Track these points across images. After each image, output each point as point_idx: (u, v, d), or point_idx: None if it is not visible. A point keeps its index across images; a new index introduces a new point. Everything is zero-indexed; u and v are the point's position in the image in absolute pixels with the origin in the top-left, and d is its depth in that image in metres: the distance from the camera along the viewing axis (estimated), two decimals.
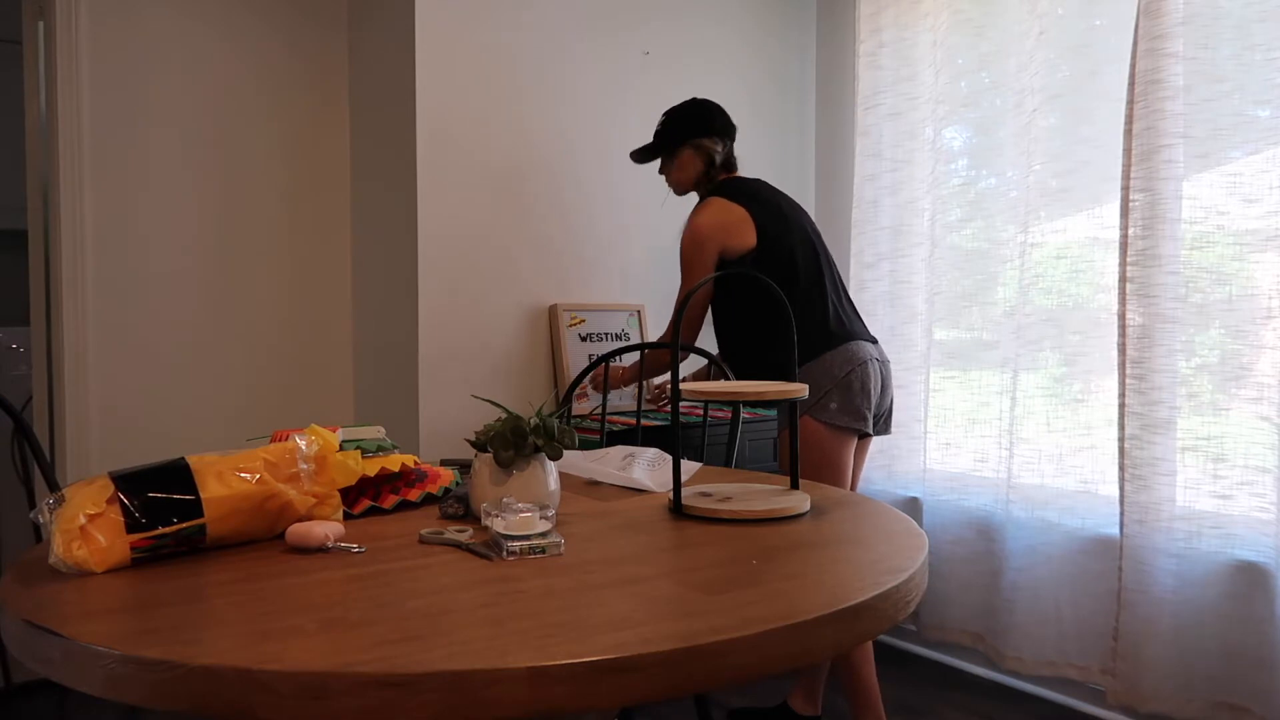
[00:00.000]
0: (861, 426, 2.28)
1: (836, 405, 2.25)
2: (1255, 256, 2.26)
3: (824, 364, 2.26)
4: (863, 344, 2.31)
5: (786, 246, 2.34)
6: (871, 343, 2.36)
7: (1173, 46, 2.33)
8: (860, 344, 2.30)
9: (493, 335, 2.80)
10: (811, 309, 2.32)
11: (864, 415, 2.28)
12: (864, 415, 2.28)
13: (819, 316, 2.32)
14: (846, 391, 2.25)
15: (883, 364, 2.36)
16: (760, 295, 2.34)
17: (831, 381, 2.25)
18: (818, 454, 2.27)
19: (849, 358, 2.27)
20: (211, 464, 1.20)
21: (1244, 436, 2.28)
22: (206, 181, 2.75)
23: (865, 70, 3.17)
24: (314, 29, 2.93)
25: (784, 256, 2.33)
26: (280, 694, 0.79)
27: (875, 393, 2.30)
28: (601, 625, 0.90)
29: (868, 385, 2.27)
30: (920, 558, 1.15)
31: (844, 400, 2.25)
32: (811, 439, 2.27)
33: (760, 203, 2.37)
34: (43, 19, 2.58)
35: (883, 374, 2.34)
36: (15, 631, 0.95)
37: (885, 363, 2.38)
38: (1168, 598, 2.35)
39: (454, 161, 2.72)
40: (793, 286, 2.32)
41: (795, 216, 2.42)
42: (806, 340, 2.29)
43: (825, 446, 2.27)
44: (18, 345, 3.67)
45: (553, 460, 1.36)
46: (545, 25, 2.87)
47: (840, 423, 2.25)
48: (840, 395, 2.25)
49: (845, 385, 2.25)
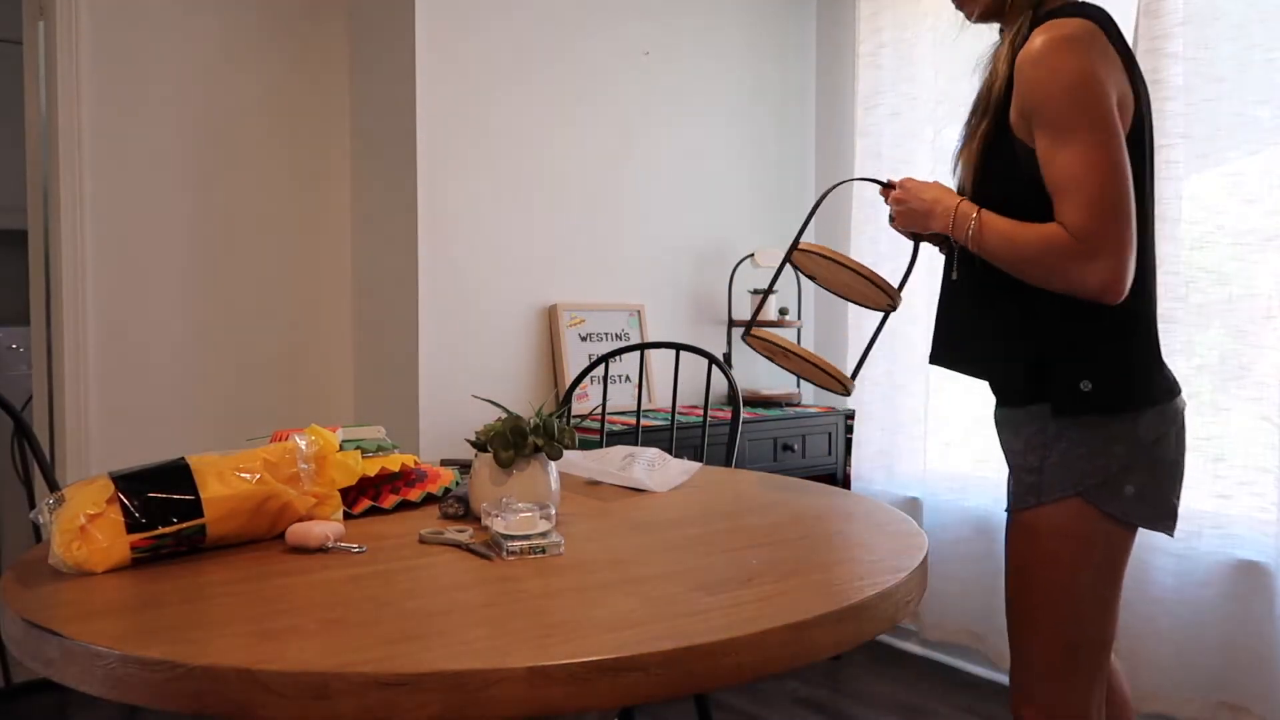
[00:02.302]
0: (1166, 528, 1.39)
1: (1135, 491, 1.33)
2: (1255, 256, 2.26)
3: (1134, 421, 1.33)
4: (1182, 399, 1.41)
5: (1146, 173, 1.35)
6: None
7: (1173, 46, 2.33)
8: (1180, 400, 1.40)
9: (493, 335, 2.80)
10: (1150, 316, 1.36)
11: (1173, 510, 1.39)
12: (1173, 510, 1.39)
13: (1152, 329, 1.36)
14: (1155, 469, 1.35)
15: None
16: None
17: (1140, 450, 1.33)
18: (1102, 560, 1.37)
19: (1168, 417, 1.36)
20: (211, 464, 1.20)
21: (1244, 436, 2.28)
22: (206, 181, 2.75)
23: (865, 70, 3.16)
24: (314, 28, 2.93)
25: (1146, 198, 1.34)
26: (280, 694, 0.79)
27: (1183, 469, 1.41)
28: (601, 625, 0.90)
29: (1182, 461, 1.40)
30: (920, 558, 1.15)
31: (1150, 483, 1.35)
32: (1086, 539, 1.35)
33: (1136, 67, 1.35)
34: (43, 19, 2.58)
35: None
36: (15, 631, 0.95)
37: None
38: (1167, 597, 2.35)
39: (454, 161, 2.72)
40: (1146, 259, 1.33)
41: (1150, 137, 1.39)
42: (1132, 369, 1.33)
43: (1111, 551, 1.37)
44: (18, 345, 3.67)
45: (553, 460, 1.36)
46: (545, 25, 2.87)
47: (1137, 518, 1.35)
48: (1145, 476, 1.34)
49: (1154, 458, 1.35)
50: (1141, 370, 1.33)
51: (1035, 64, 1.28)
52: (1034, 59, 1.28)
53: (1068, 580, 1.35)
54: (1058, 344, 1.33)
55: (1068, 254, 1.24)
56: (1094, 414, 1.31)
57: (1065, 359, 1.32)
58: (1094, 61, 1.25)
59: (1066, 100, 1.25)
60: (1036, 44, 1.28)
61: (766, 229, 3.39)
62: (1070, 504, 1.33)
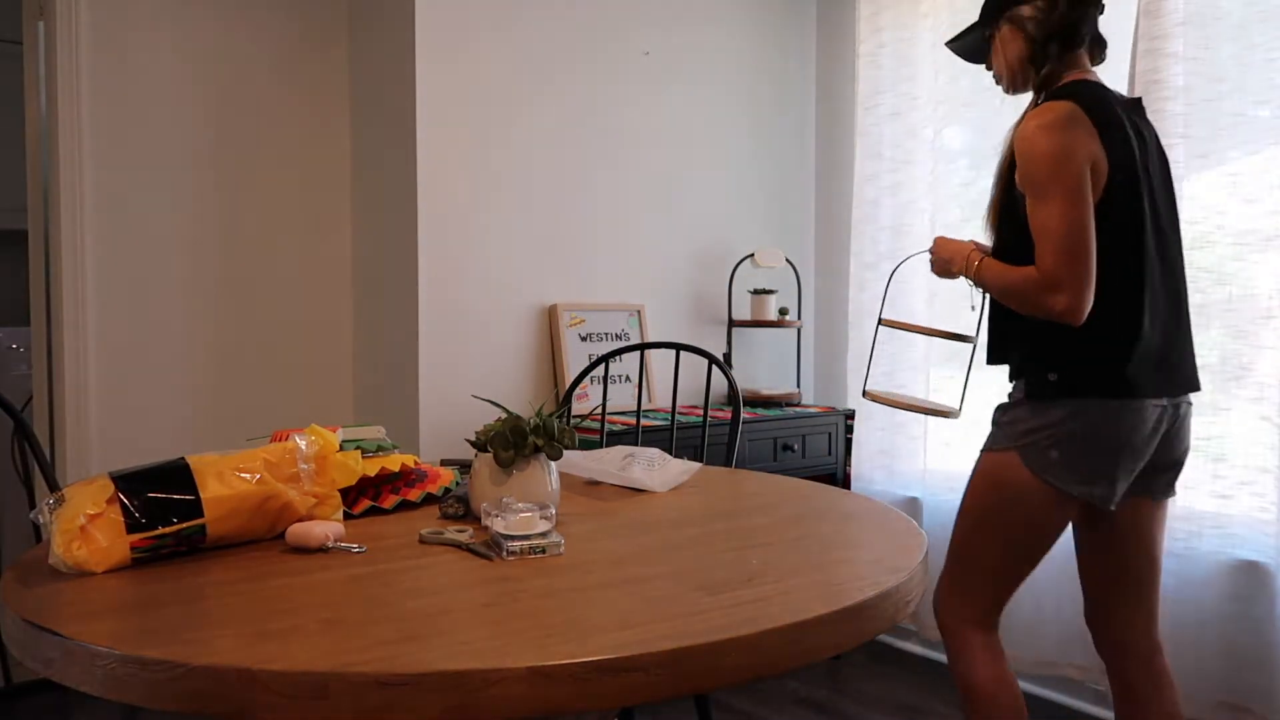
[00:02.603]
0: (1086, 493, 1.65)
1: (1059, 456, 1.64)
2: (1255, 256, 2.26)
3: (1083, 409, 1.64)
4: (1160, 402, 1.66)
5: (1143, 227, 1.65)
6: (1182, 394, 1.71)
7: (1173, 46, 2.33)
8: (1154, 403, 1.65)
9: (493, 335, 2.80)
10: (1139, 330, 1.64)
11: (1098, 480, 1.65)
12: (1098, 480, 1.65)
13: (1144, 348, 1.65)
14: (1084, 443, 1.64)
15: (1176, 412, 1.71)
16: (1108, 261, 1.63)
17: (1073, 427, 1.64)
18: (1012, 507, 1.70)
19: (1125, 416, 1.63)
20: (211, 464, 1.20)
21: (1244, 436, 2.28)
22: (206, 181, 2.75)
23: (865, 70, 3.16)
24: (315, 28, 2.93)
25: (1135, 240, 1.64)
26: (280, 694, 0.79)
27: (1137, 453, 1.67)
28: (601, 625, 0.90)
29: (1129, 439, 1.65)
30: (920, 558, 1.15)
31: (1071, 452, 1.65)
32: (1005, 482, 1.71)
33: (1121, 132, 1.65)
34: (43, 19, 2.58)
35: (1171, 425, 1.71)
36: (15, 631, 0.95)
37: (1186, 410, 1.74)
38: (1168, 598, 2.35)
39: (454, 161, 2.72)
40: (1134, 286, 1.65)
41: (1166, 190, 1.74)
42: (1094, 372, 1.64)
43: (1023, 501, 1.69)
44: (18, 345, 3.67)
45: (553, 460, 1.36)
46: (546, 25, 2.87)
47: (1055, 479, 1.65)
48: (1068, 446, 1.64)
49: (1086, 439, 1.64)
50: (1101, 372, 1.64)
51: (1024, 141, 1.63)
52: (1024, 138, 1.64)
53: (979, 509, 1.74)
54: (1041, 348, 1.69)
55: (1038, 288, 1.61)
56: (1052, 397, 1.66)
57: (1043, 358, 1.68)
58: (1068, 140, 1.59)
59: (1044, 172, 1.60)
60: (1029, 127, 1.63)
61: (767, 229, 3.40)
62: (1008, 454, 1.69)
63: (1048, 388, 1.66)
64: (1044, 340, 1.67)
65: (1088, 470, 1.64)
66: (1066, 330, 1.62)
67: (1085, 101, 1.63)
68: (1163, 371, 1.67)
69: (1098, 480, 1.64)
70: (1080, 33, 1.71)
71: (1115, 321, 1.63)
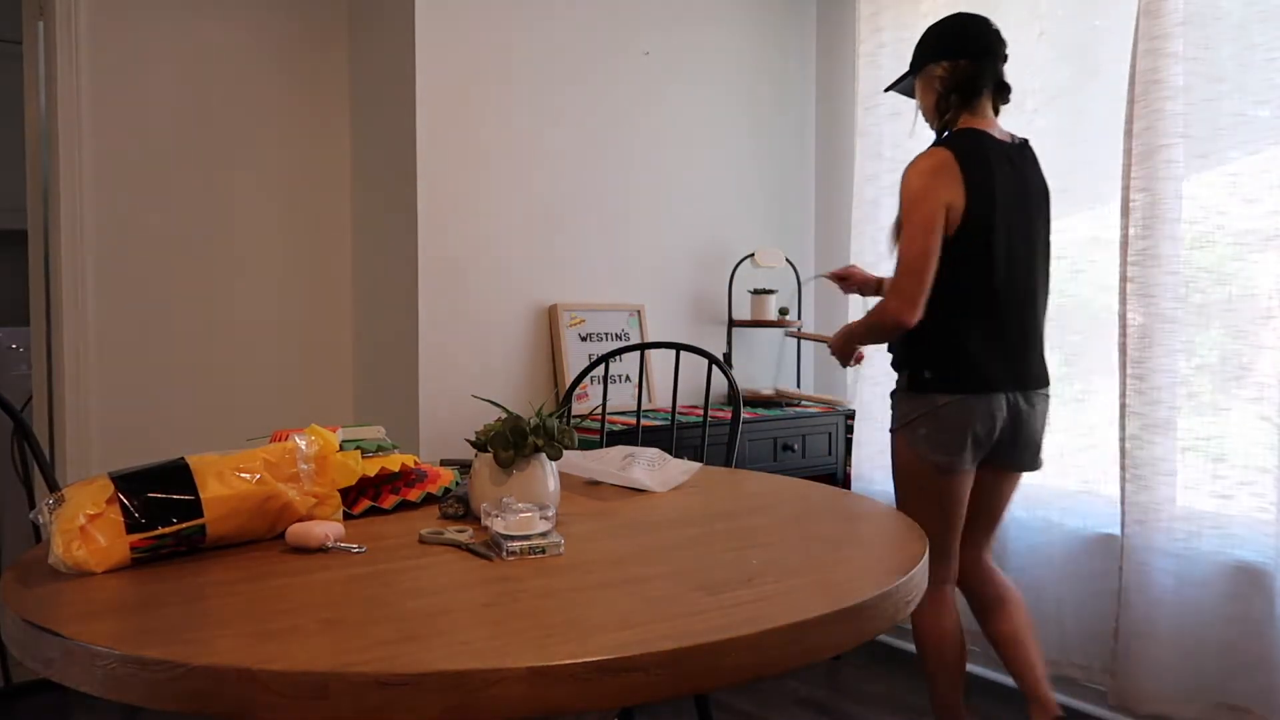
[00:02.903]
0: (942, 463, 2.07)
1: (925, 433, 2.06)
2: (1255, 256, 2.26)
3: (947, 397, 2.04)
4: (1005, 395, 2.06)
5: (995, 250, 2.03)
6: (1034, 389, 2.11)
7: (1173, 46, 2.33)
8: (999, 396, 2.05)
9: (493, 335, 2.80)
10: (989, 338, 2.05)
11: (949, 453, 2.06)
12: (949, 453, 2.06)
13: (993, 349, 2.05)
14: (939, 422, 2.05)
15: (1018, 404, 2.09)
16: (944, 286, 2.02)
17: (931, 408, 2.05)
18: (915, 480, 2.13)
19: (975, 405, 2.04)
20: (211, 464, 1.20)
21: (1244, 436, 2.28)
22: (206, 181, 2.75)
23: (865, 70, 3.16)
24: (314, 29, 2.93)
25: (984, 262, 2.03)
26: (280, 694, 0.79)
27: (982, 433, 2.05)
28: (601, 625, 0.90)
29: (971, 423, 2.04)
30: (920, 558, 1.15)
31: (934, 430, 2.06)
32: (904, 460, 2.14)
33: (989, 181, 2.01)
34: (43, 19, 2.58)
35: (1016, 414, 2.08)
36: (15, 631, 0.95)
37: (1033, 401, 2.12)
38: (1168, 598, 2.35)
39: (454, 161, 2.72)
40: (989, 305, 2.05)
41: (1029, 228, 2.10)
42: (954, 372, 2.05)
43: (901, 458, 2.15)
44: (18, 345, 3.67)
45: (553, 460, 1.36)
46: (545, 25, 2.87)
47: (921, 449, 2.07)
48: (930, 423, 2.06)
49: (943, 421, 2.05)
50: (963, 371, 2.05)
51: (903, 179, 2.05)
52: (904, 176, 2.05)
53: (896, 483, 2.18)
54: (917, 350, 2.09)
55: (882, 304, 2.07)
56: (926, 390, 2.07)
57: (923, 357, 2.09)
58: (931, 185, 2.00)
59: (908, 206, 2.02)
60: (909, 168, 2.04)
61: (766, 229, 3.40)
62: (899, 434, 2.14)
63: (923, 382, 2.08)
64: (922, 346, 2.08)
65: (942, 445, 2.05)
66: (937, 339, 2.05)
67: (961, 150, 2.02)
68: (1012, 371, 2.08)
69: (951, 452, 2.05)
70: (978, 87, 2.07)
71: (971, 333, 2.05)
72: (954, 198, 1.98)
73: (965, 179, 1.99)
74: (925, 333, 2.03)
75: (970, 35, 2.07)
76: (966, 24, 2.09)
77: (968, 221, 2.00)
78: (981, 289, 2.04)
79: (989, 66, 2.07)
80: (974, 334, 2.04)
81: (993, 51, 2.07)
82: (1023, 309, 2.09)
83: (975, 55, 2.05)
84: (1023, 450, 2.14)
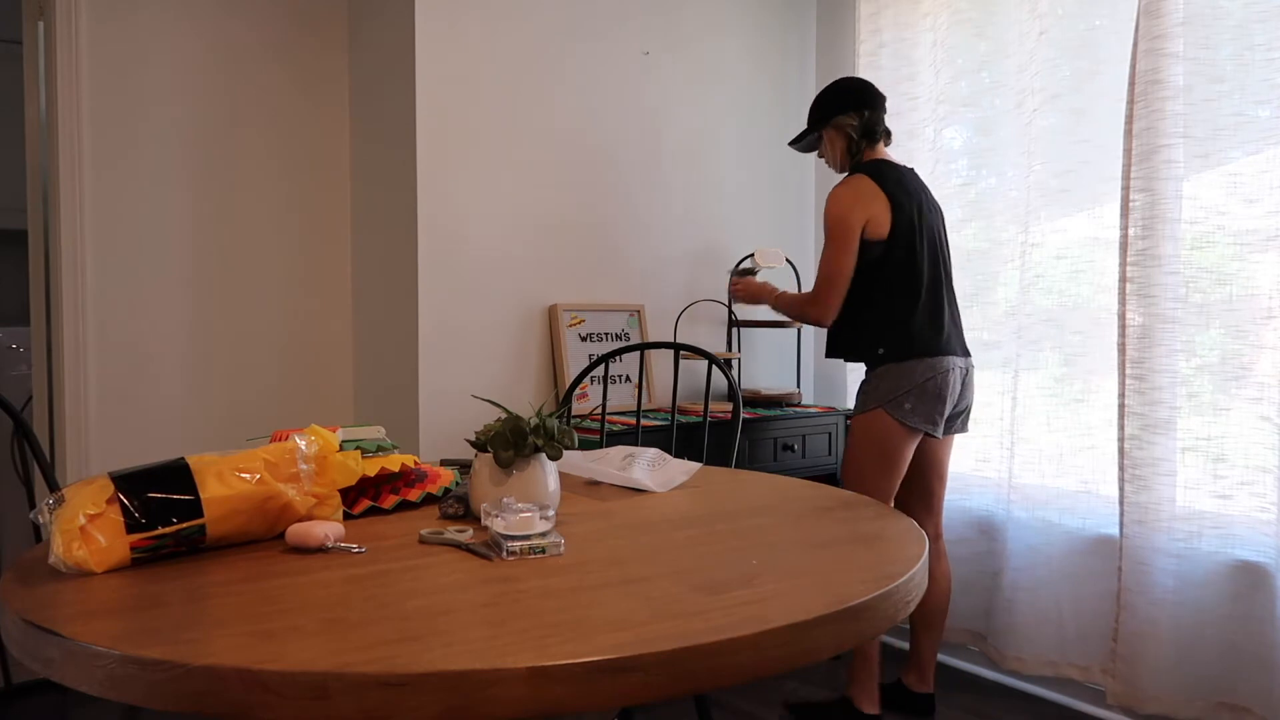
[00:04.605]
0: (929, 430, 2.41)
1: (911, 406, 2.38)
2: (1255, 256, 2.26)
3: (910, 369, 2.39)
4: (952, 359, 2.43)
5: (916, 247, 2.42)
6: (963, 357, 2.48)
7: (1173, 46, 2.33)
8: (948, 359, 2.42)
9: (493, 335, 2.80)
10: (921, 316, 2.41)
11: (935, 420, 2.41)
12: (935, 420, 2.41)
13: (927, 326, 2.41)
14: (923, 395, 2.38)
15: (965, 371, 2.48)
16: (875, 286, 2.43)
17: (912, 384, 2.38)
18: (886, 445, 2.41)
19: (934, 366, 2.39)
20: (211, 464, 1.20)
21: (1244, 436, 2.28)
22: (206, 181, 2.75)
23: (865, 71, 3.16)
24: (314, 29, 2.93)
25: (912, 257, 2.42)
26: (280, 694, 0.79)
27: (949, 401, 2.42)
28: (601, 625, 0.90)
29: (944, 393, 2.40)
30: (920, 558, 1.15)
31: (919, 403, 2.39)
32: (880, 430, 2.41)
33: (905, 196, 2.43)
34: (43, 19, 2.58)
35: (963, 380, 2.47)
36: (15, 631, 0.95)
37: (969, 370, 2.50)
38: (1168, 598, 2.35)
39: (454, 161, 2.72)
40: (913, 288, 2.41)
41: (931, 220, 2.49)
42: (904, 344, 2.40)
43: (892, 440, 2.42)
44: (18, 345, 3.67)
45: (553, 460, 1.36)
46: (545, 26, 2.87)
47: (911, 422, 2.39)
48: (916, 398, 2.38)
49: (923, 389, 2.38)
50: (912, 342, 2.39)
51: (827, 201, 2.45)
52: (828, 199, 2.45)
53: (862, 448, 2.45)
54: (869, 334, 2.45)
55: (806, 304, 2.51)
56: (883, 364, 2.42)
57: (875, 342, 2.43)
58: (850, 206, 2.40)
59: (829, 226, 2.43)
60: (832, 192, 2.45)
61: (766, 229, 3.40)
62: (876, 412, 2.42)
63: (879, 358, 2.42)
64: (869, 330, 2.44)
65: (925, 414, 2.40)
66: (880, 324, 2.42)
67: (877, 173, 2.44)
68: (950, 340, 2.45)
69: (933, 420, 2.41)
70: (877, 132, 2.53)
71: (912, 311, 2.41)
72: (877, 211, 2.40)
73: (886, 192, 2.40)
74: (875, 319, 2.43)
75: (868, 92, 2.53)
76: (862, 84, 2.55)
77: (895, 225, 2.40)
78: (911, 277, 2.41)
79: (881, 115, 2.56)
80: (914, 313, 2.41)
81: (881, 105, 2.56)
82: (942, 290, 2.48)
83: (874, 106, 2.53)
84: (963, 414, 2.53)
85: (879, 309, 2.42)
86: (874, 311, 2.43)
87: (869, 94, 2.55)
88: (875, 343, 2.43)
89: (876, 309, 2.43)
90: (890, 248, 2.40)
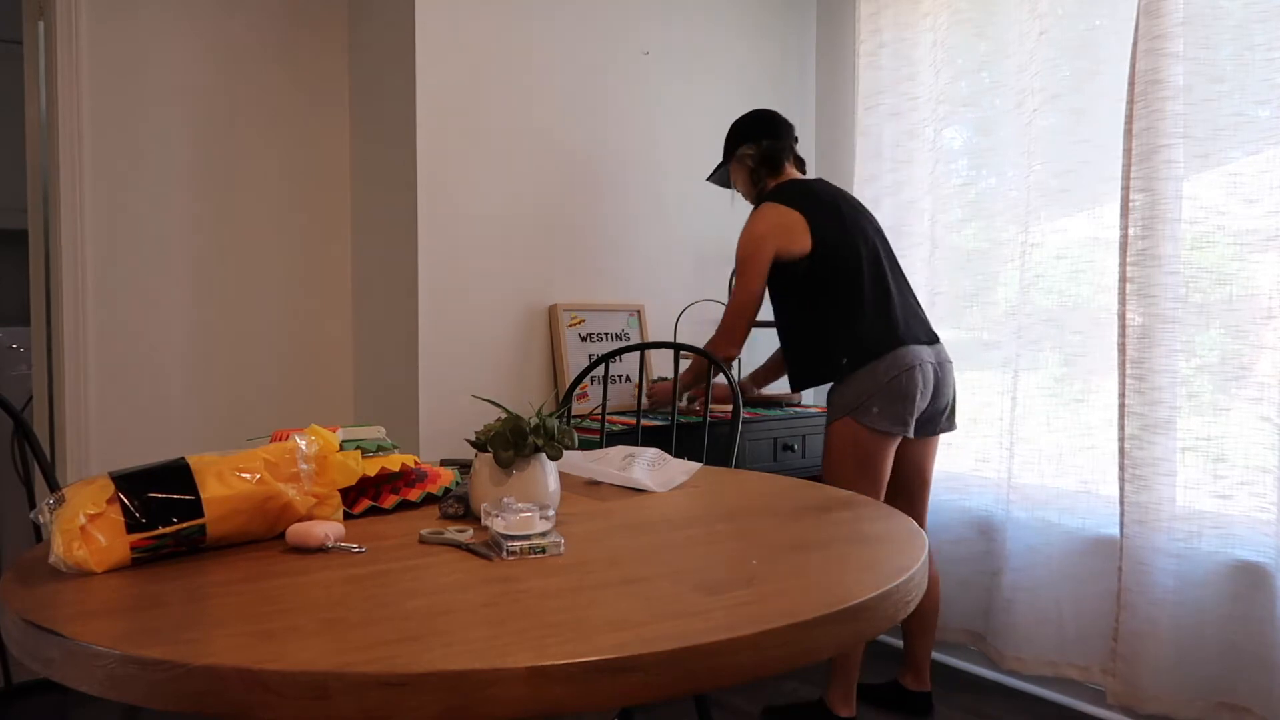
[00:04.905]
0: (900, 431, 2.36)
1: (878, 410, 2.33)
2: (1255, 256, 2.26)
3: (872, 371, 2.34)
4: (915, 348, 2.37)
5: (845, 248, 2.40)
6: (929, 344, 2.41)
7: (1173, 46, 2.33)
8: (912, 349, 2.36)
9: (493, 335, 2.80)
10: (869, 314, 2.38)
11: (905, 421, 2.35)
12: (905, 421, 2.35)
13: (877, 322, 2.38)
14: (889, 397, 2.33)
15: (938, 365, 2.41)
16: (817, 301, 2.42)
17: (876, 387, 2.33)
18: (860, 453, 2.37)
19: (896, 363, 2.33)
20: (211, 464, 1.20)
21: (1244, 436, 2.28)
22: (206, 181, 2.75)
23: (865, 70, 3.17)
24: (314, 29, 2.93)
25: (843, 259, 2.40)
26: (280, 694, 0.79)
27: (921, 397, 2.36)
28: (601, 625, 0.90)
29: (912, 391, 2.34)
30: (920, 558, 1.15)
31: (885, 405, 2.33)
32: (852, 439, 2.37)
33: (816, 205, 2.42)
34: (43, 19, 2.59)
35: (936, 375, 2.40)
36: (15, 631, 0.95)
37: (942, 364, 2.43)
38: (1168, 598, 2.35)
39: (454, 162, 2.72)
40: (854, 289, 2.39)
41: (855, 217, 2.46)
42: (860, 347, 2.36)
43: (866, 448, 2.37)
44: (18, 345, 3.67)
45: (553, 460, 1.36)
46: (545, 25, 2.87)
47: (880, 427, 2.34)
48: (882, 401, 2.33)
49: (888, 391, 2.33)
50: (867, 340, 2.36)
51: (741, 234, 2.44)
52: (742, 231, 2.45)
53: (838, 459, 2.41)
54: (824, 348, 2.41)
55: (713, 343, 2.48)
56: (850, 372, 2.37)
57: (833, 355, 2.39)
58: (759, 240, 2.39)
59: (740, 257, 2.43)
60: (746, 225, 2.44)
61: None
62: (845, 421, 2.39)
63: (843, 368, 2.38)
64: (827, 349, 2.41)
65: (895, 416, 2.35)
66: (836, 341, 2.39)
67: (785, 195, 2.44)
68: (910, 326, 2.40)
69: (904, 421, 2.36)
70: (780, 159, 2.53)
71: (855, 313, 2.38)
72: (792, 231, 2.39)
73: (796, 208, 2.40)
74: (826, 330, 2.41)
75: (766, 121, 2.55)
76: (763, 115, 2.56)
77: (815, 234, 2.39)
78: (849, 277, 2.40)
79: (786, 143, 2.55)
80: (861, 311, 2.39)
81: (785, 133, 2.56)
82: (888, 282, 2.45)
83: (774, 136, 2.53)
84: (943, 412, 2.48)
85: (827, 319, 2.40)
86: (823, 324, 2.41)
87: (767, 123, 2.54)
88: (834, 355, 2.40)
89: (825, 320, 2.40)
90: (817, 257, 2.38)
